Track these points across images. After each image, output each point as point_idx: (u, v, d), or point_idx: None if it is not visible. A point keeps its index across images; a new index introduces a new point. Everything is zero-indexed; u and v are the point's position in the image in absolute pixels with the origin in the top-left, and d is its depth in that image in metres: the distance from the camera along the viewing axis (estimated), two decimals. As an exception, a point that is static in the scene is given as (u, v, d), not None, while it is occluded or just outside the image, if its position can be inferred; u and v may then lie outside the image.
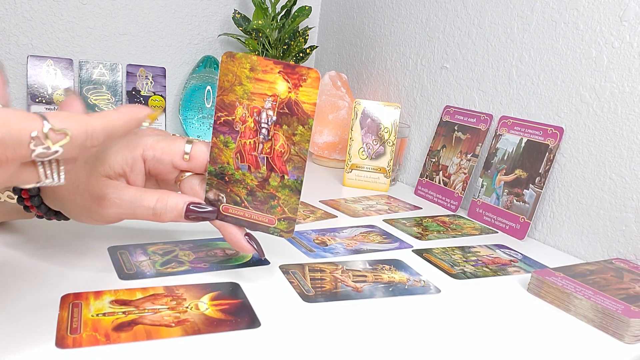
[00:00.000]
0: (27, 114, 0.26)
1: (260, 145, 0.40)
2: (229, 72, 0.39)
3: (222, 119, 0.40)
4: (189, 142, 0.40)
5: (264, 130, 0.39)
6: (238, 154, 0.40)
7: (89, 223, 0.40)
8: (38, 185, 0.29)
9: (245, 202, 0.41)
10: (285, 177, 0.40)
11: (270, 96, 0.39)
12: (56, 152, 0.27)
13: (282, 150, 0.40)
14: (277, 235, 0.41)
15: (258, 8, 0.99)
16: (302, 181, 0.40)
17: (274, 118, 0.39)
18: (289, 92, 0.39)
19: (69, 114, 0.28)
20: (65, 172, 0.30)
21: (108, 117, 0.30)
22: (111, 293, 0.39)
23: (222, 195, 0.41)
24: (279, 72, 0.38)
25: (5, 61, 0.94)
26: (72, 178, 0.39)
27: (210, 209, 0.40)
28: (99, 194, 0.38)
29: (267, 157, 0.40)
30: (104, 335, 0.33)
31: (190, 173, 0.41)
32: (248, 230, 0.42)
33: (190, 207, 0.40)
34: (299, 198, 0.40)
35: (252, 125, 0.39)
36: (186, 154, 0.40)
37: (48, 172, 0.29)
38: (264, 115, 0.39)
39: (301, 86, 0.38)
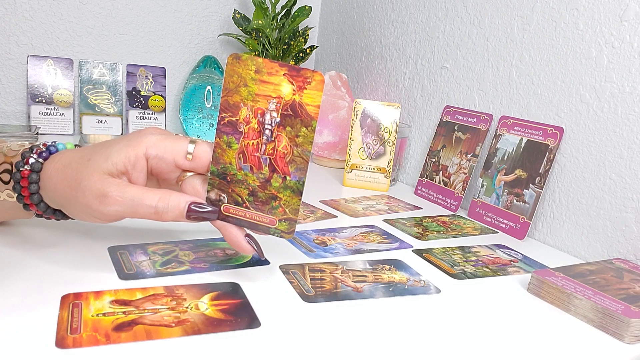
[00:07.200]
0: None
1: (263, 146, 0.40)
2: (235, 74, 0.39)
3: (226, 119, 0.40)
4: (192, 141, 0.40)
5: (267, 132, 0.40)
6: (241, 155, 0.40)
7: (89, 221, 0.40)
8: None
9: (247, 203, 0.41)
10: (287, 178, 0.40)
11: (275, 98, 0.39)
12: None
13: (285, 152, 0.40)
14: (277, 236, 0.41)
15: (258, 8, 0.99)
16: (303, 182, 0.40)
17: (278, 119, 0.39)
18: (294, 94, 0.39)
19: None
20: None
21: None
22: (111, 293, 0.39)
23: (223, 195, 0.41)
24: (284, 75, 0.38)
25: (5, 61, 0.94)
26: (74, 175, 0.39)
27: (211, 209, 0.40)
28: (100, 192, 0.38)
29: (269, 158, 0.40)
30: (104, 335, 0.33)
31: (192, 173, 0.41)
32: (248, 231, 0.42)
33: (192, 206, 0.40)
34: (301, 199, 0.40)
35: (256, 126, 0.39)
36: (189, 153, 0.40)
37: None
38: (267, 117, 0.39)
39: (305, 89, 0.39)
